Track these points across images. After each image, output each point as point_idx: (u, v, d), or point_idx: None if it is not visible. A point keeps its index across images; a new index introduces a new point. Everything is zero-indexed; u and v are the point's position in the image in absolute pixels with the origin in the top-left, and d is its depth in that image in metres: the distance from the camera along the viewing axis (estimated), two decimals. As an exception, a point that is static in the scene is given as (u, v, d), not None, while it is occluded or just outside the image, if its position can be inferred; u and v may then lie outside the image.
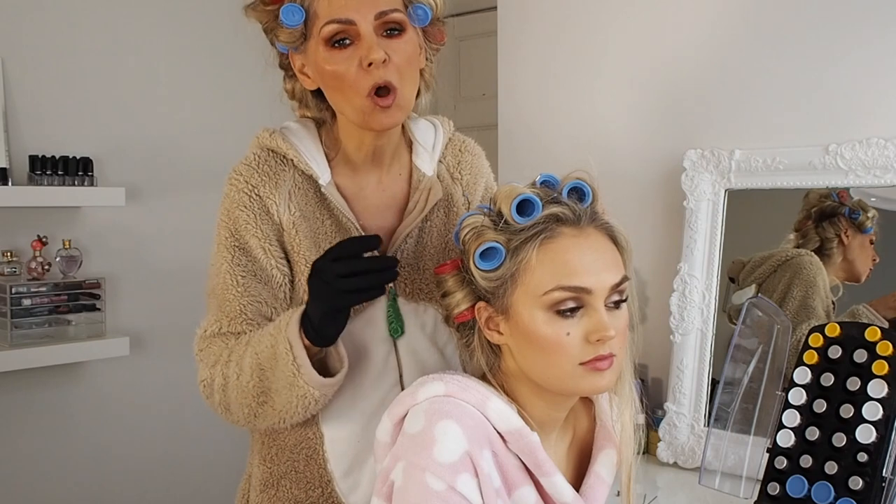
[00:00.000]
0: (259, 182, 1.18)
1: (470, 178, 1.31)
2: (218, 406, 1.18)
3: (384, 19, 1.11)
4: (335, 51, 1.11)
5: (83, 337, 2.17)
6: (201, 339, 1.20)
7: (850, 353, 1.22)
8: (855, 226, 1.69)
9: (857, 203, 1.68)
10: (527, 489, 1.02)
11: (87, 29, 2.27)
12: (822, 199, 1.71)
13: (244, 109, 2.41)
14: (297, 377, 1.08)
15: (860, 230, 1.69)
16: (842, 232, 1.69)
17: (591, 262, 0.99)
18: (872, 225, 1.68)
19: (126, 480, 2.37)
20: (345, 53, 1.11)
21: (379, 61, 1.09)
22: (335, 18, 1.10)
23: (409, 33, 1.14)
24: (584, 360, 0.98)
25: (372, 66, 1.09)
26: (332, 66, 1.12)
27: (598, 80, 2.06)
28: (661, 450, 1.79)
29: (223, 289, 1.18)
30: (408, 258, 1.21)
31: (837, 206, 1.69)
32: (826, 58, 1.72)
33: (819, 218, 1.71)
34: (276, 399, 1.12)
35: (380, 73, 1.10)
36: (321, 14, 1.11)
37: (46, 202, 2.10)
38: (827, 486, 1.18)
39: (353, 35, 1.10)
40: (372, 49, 1.09)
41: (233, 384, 1.14)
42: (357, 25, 1.10)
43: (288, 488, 1.22)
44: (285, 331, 1.09)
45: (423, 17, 1.15)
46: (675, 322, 1.81)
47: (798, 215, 1.74)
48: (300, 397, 1.10)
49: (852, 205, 1.68)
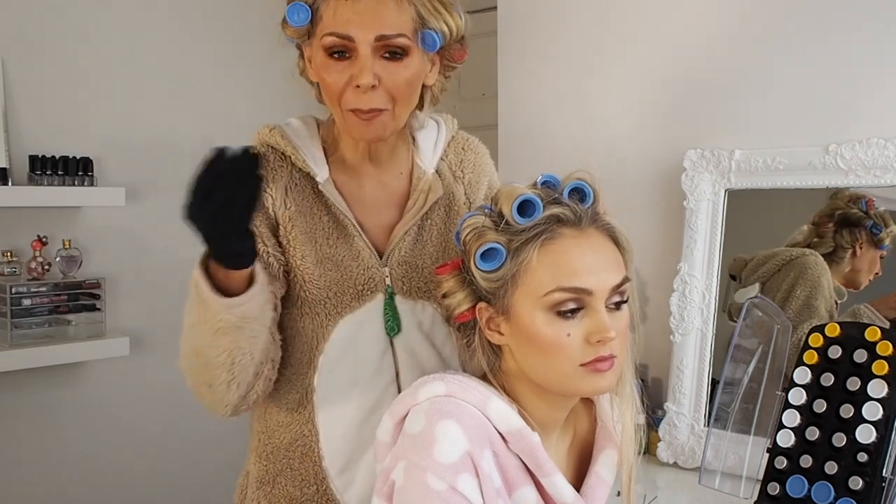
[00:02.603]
0: None
1: (472, 177, 1.30)
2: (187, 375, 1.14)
3: (385, 42, 1.09)
4: (332, 61, 1.11)
5: (83, 337, 2.17)
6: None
7: (850, 353, 1.22)
8: (873, 241, 1.67)
9: (881, 217, 1.66)
10: (527, 489, 1.02)
11: (88, 29, 2.27)
12: (850, 205, 1.68)
13: (244, 109, 2.42)
14: (205, 309, 1.05)
15: (876, 246, 1.67)
16: (858, 244, 1.68)
17: (592, 263, 0.99)
18: (889, 243, 1.67)
19: (126, 480, 2.36)
20: (340, 65, 1.10)
21: (366, 87, 1.09)
22: (335, 32, 1.09)
23: (413, 58, 1.12)
24: (584, 361, 0.98)
25: (360, 88, 1.09)
26: (326, 76, 1.12)
27: (598, 80, 2.06)
28: (661, 450, 1.79)
29: None
30: (406, 255, 1.21)
31: (863, 216, 1.67)
32: (826, 58, 1.72)
33: (841, 223, 1.69)
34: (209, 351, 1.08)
35: (366, 99, 1.09)
36: (325, 21, 1.11)
37: (46, 202, 2.10)
38: (827, 486, 1.18)
39: (351, 50, 1.09)
40: (363, 72, 1.08)
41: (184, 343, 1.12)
42: (355, 42, 1.09)
43: (283, 485, 1.22)
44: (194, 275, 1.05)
45: (431, 45, 1.12)
46: (675, 322, 1.81)
47: (820, 211, 1.72)
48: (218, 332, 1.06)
49: (876, 218, 1.67)
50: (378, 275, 1.19)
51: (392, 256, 1.20)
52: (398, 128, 1.17)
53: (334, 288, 1.18)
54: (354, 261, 1.19)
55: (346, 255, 1.18)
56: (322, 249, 1.18)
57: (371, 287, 1.19)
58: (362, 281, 1.19)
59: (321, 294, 1.18)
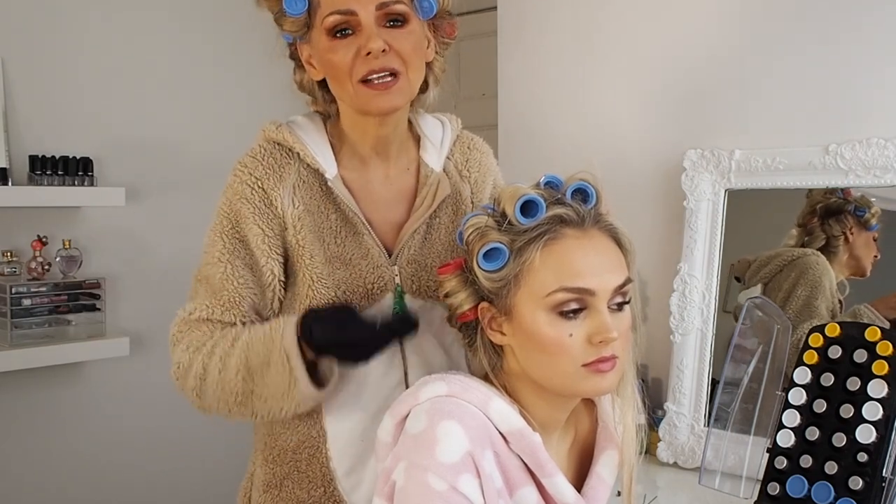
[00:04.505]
0: (263, 175, 1.18)
1: (478, 176, 1.30)
2: (190, 392, 1.16)
3: (386, 10, 1.11)
4: (337, 41, 1.12)
5: (83, 337, 2.17)
6: (184, 321, 1.19)
7: (850, 353, 1.22)
8: (860, 223, 1.68)
9: (862, 200, 1.68)
10: (528, 490, 1.02)
11: (87, 29, 2.27)
12: (828, 196, 1.70)
13: (244, 109, 2.41)
14: (291, 388, 1.08)
15: (865, 227, 1.68)
16: (847, 229, 1.69)
17: (595, 264, 0.99)
18: (877, 221, 1.68)
19: (126, 480, 2.36)
20: (345, 42, 1.12)
21: (377, 51, 1.10)
22: (337, 9, 1.11)
23: (413, 25, 1.14)
24: (586, 361, 0.98)
25: (370, 55, 1.10)
26: (332, 55, 1.12)
27: (598, 80, 2.06)
28: (661, 450, 1.79)
29: (222, 278, 1.17)
30: (415, 254, 1.20)
31: (843, 202, 1.69)
32: (826, 58, 1.72)
33: (825, 215, 1.70)
34: (259, 404, 1.12)
35: (380, 62, 1.10)
36: (324, 4, 1.12)
37: (46, 202, 2.10)
38: (827, 486, 1.18)
39: (355, 25, 1.11)
40: (371, 39, 1.10)
41: (213, 378, 1.13)
42: (358, 15, 1.10)
43: (290, 488, 1.22)
44: (281, 341, 1.08)
45: (428, 10, 1.15)
46: (675, 322, 1.81)
47: (801, 212, 1.73)
48: (293, 405, 1.11)
49: (857, 201, 1.68)
50: (388, 274, 1.19)
51: (401, 255, 1.20)
52: (412, 95, 1.18)
53: (343, 287, 1.17)
54: (364, 259, 1.18)
55: (356, 253, 1.18)
56: (330, 248, 1.18)
57: (381, 286, 1.19)
58: (372, 280, 1.18)
59: (330, 294, 1.17)
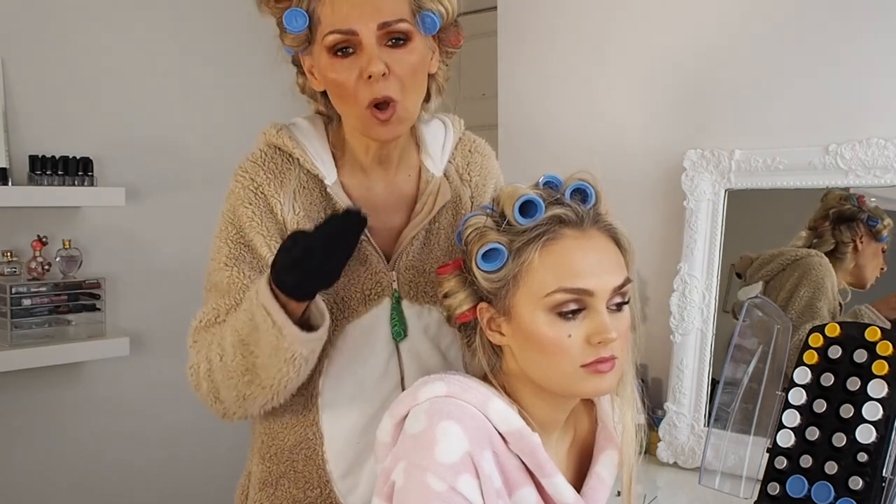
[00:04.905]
0: (264, 180, 1.17)
1: (479, 180, 1.29)
2: (207, 396, 1.15)
3: (388, 29, 1.09)
4: (337, 59, 1.10)
5: (83, 337, 2.17)
6: (196, 330, 1.18)
7: (850, 353, 1.22)
8: (872, 233, 1.68)
9: (876, 210, 1.68)
10: (528, 490, 1.02)
11: (88, 29, 2.27)
12: (842, 202, 1.69)
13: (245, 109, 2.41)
14: (280, 339, 1.05)
15: (876, 238, 1.68)
16: (858, 238, 1.68)
17: (594, 264, 0.99)
18: (888, 234, 1.67)
19: (126, 480, 2.36)
20: (346, 62, 1.10)
21: (378, 74, 1.08)
22: (337, 28, 1.09)
23: (416, 42, 1.12)
24: (585, 362, 0.98)
25: (371, 78, 1.09)
26: (334, 75, 1.11)
27: (598, 80, 2.06)
28: (661, 450, 1.79)
29: (229, 282, 1.16)
30: (413, 260, 1.20)
31: (857, 210, 1.68)
32: (826, 58, 1.72)
33: (837, 220, 1.69)
34: (264, 373, 1.09)
35: (379, 87, 1.09)
36: (324, 21, 1.10)
37: (46, 202, 2.10)
38: (827, 486, 1.18)
39: (356, 44, 1.09)
40: (372, 61, 1.08)
41: (217, 367, 1.12)
42: (359, 35, 1.09)
43: (286, 488, 1.22)
44: (257, 298, 1.06)
45: (431, 26, 1.13)
46: (675, 322, 1.81)
47: (814, 215, 1.72)
48: (288, 360, 1.07)
49: (871, 212, 1.68)
50: (385, 279, 1.18)
51: (400, 261, 1.19)
52: (412, 121, 1.17)
53: (341, 293, 1.17)
54: (362, 265, 1.18)
55: (354, 259, 1.16)
56: None
57: (378, 292, 1.18)
58: (369, 286, 1.18)
59: (327, 299, 1.16)
